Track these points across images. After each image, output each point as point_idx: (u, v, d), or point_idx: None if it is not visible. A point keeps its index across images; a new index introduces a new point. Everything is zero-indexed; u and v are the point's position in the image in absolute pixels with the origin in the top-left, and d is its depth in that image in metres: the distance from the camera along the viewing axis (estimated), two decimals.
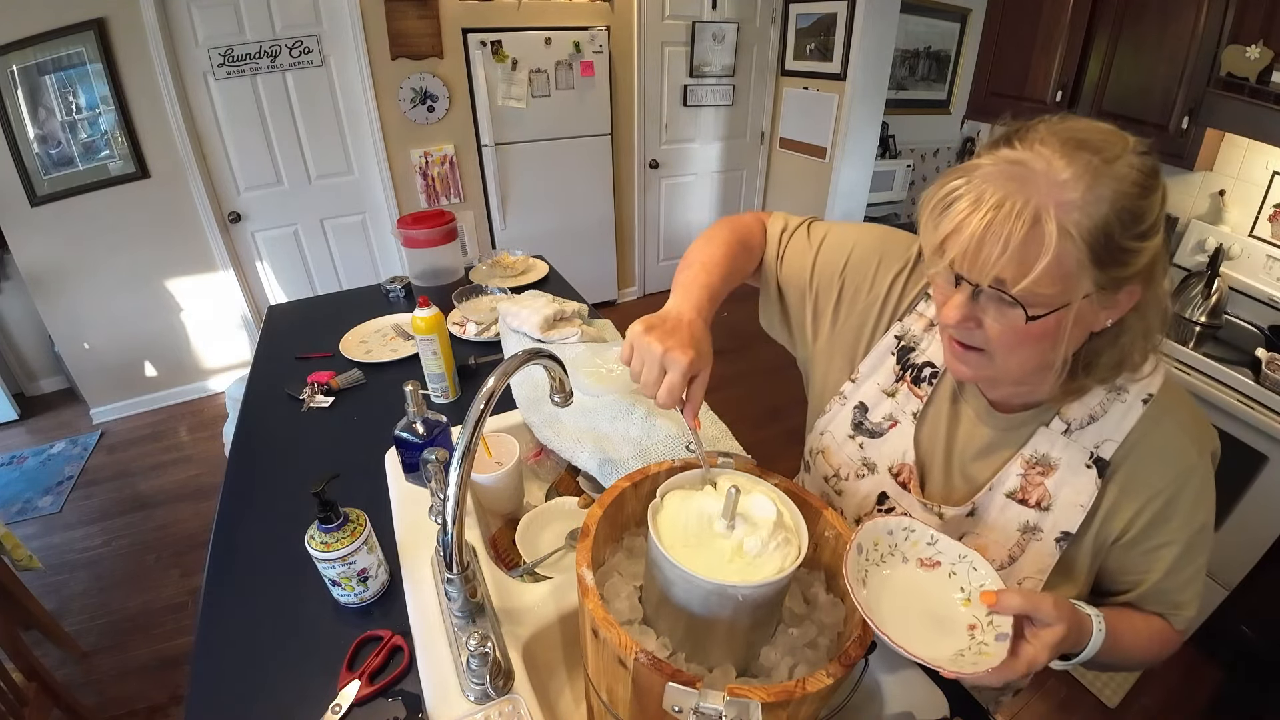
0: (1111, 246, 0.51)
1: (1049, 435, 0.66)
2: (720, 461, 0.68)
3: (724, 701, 0.48)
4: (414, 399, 0.95)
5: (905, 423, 0.75)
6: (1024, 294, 0.52)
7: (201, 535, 2.29)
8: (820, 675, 0.50)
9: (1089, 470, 0.64)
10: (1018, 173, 0.52)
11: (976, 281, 0.54)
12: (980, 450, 0.71)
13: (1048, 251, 0.49)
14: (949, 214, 0.54)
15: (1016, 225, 0.50)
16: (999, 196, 0.51)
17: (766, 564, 0.56)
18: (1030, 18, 2.24)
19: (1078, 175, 0.50)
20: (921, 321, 0.76)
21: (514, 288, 1.77)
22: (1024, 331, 0.55)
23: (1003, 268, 0.51)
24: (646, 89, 3.57)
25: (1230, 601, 1.74)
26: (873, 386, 0.78)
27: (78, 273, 2.74)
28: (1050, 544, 0.66)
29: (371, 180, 3.13)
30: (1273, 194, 1.91)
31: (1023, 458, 0.68)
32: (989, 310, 0.56)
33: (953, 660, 0.52)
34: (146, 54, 2.51)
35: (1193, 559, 0.65)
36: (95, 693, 1.77)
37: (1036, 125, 0.55)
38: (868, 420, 0.78)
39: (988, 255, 0.52)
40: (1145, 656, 0.69)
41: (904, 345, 0.77)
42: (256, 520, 1.02)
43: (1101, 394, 0.64)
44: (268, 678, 0.76)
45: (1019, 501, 0.68)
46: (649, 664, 0.50)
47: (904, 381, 0.76)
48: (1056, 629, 0.52)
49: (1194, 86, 1.80)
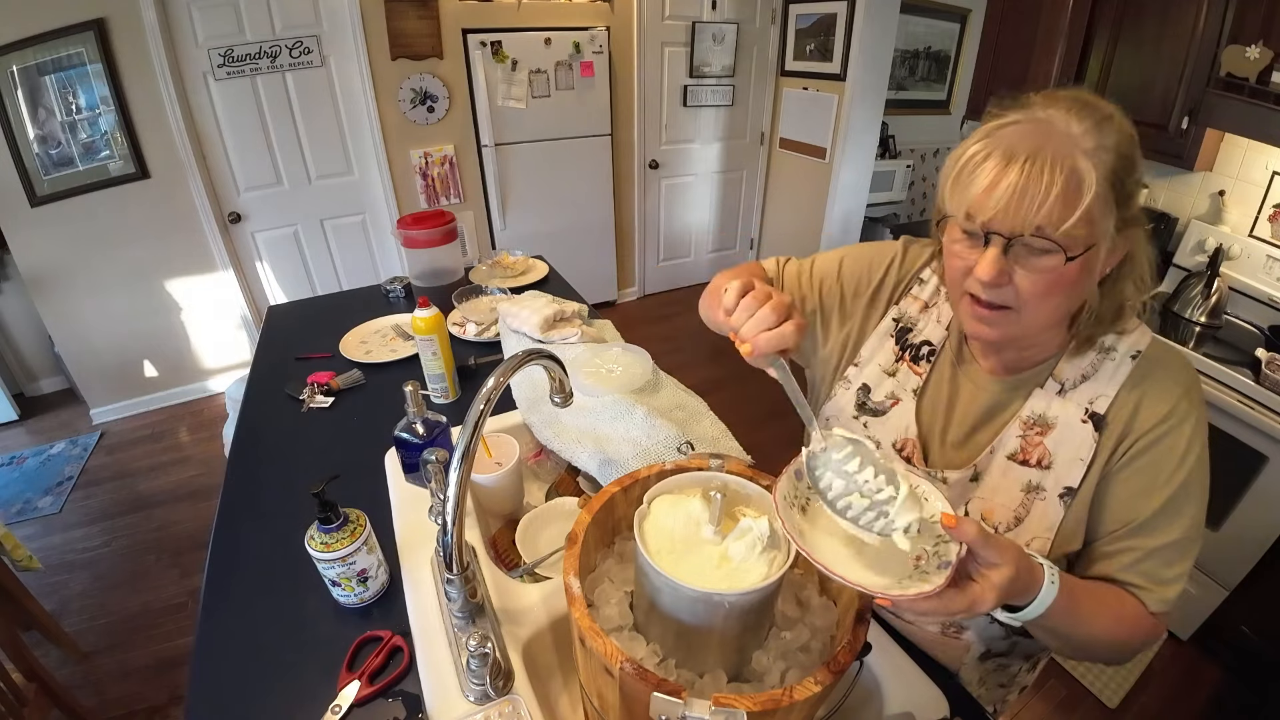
0: (1122, 188, 0.57)
1: (1045, 396, 0.69)
2: (712, 464, 0.68)
3: (710, 711, 0.48)
4: (414, 399, 0.95)
5: (907, 400, 0.78)
6: (1064, 236, 0.56)
7: (201, 535, 2.29)
8: (808, 683, 0.50)
9: (1085, 425, 0.67)
10: (1041, 129, 0.57)
11: (1017, 232, 0.57)
12: (980, 416, 0.73)
13: (1089, 190, 0.54)
14: (980, 172, 0.57)
15: (1056, 172, 0.54)
16: (1029, 149, 0.56)
17: (753, 570, 0.56)
18: (1030, 18, 2.24)
19: (1089, 129, 0.56)
20: (916, 304, 0.81)
21: (514, 288, 1.77)
22: (1058, 277, 0.58)
23: (1045, 214, 0.55)
24: (646, 89, 3.57)
25: (1230, 601, 1.74)
26: (874, 368, 0.82)
27: (78, 273, 2.75)
28: (1055, 501, 0.68)
29: (371, 180, 3.13)
30: (1272, 194, 1.91)
31: (1021, 419, 0.70)
32: (1021, 262, 0.59)
33: (888, 587, 0.50)
34: (146, 54, 2.51)
35: (1174, 521, 0.64)
36: (95, 693, 1.77)
37: (1031, 96, 0.60)
38: (871, 400, 0.82)
39: (1030, 204, 0.55)
40: (1111, 636, 0.64)
41: (902, 326, 0.81)
42: (256, 521, 1.02)
43: (1092, 355, 0.68)
44: (268, 678, 0.76)
45: (1020, 463, 0.70)
46: (635, 673, 0.50)
47: (904, 361, 0.80)
48: (1004, 570, 0.51)
49: (1194, 87, 1.80)
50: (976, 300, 0.63)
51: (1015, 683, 0.89)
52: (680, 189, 4.03)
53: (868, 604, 0.56)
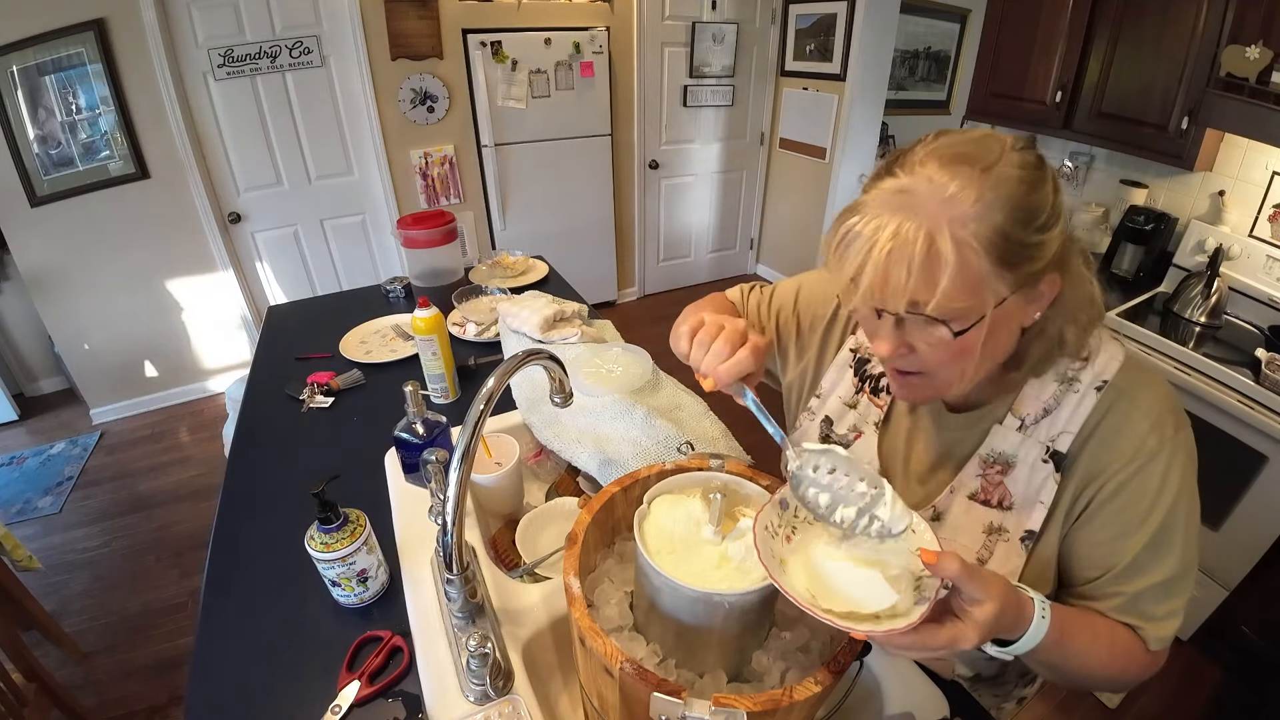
0: (1013, 246, 0.52)
1: (1003, 433, 0.66)
2: (712, 464, 0.68)
3: (710, 711, 0.48)
4: (414, 399, 0.95)
5: (868, 433, 0.77)
6: (940, 310, 0.52)
7: (201, 536, 2.29)
8: (808, 683, 0.50)
9: (1046, 465, 0.63)
10: (904, 200, 0.53)
11: (894, 310, 0.55)
12: (941, 454, 0.71)
13: (948, 266, 0.50)
14: (850, 252, 0.54)
15: (915, 249, 0.51)
16: (894, 225, 0.52)
17: (753, 570, 0.56)
18: (1030, 18, 2.24)
19: (962, 187, 0.51)
20: None
21: (514, 288, 1.77)
22: (955, 346, 0.55)
23: (913, 291, 0.52)
24: (646, 89, 3.57)
25: (1230, 601, 1.74)
26: (835, 400, 0.81)
27: (78, 273, 2.75)
28: (1016, 544, 0.66)
29: (371, 181, 3.13)
30: (1272, 194, 1.91)
31: (980, 457, 0.67)
32: (916, 334, 0.57)
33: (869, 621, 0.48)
34: (146, 54, 2.51)
35: (1160, 560, 0.60)
36: (95, 693, 1.77)
37: (914, 149, 0.56)
38: (834, 433, 0.81)
39: (896, 282, 0.52)
40: (1105, 670, 0.61)
41: (860, 357, 0.80)
42: (256, 521, 1.02)
43: (1054, 386, 0.63)
44: (268, 678, 0.76)
45: (981, 502, 0.68)
46: (634, 674, 0.50)
47: (864, 393, 0.78)
48: (988, 606, 0.48)
49: (1194, 87, 1.80)
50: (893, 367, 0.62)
51: (1012, 695, 0.88)
52: (680, 189, 4.03)
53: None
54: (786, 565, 0.53)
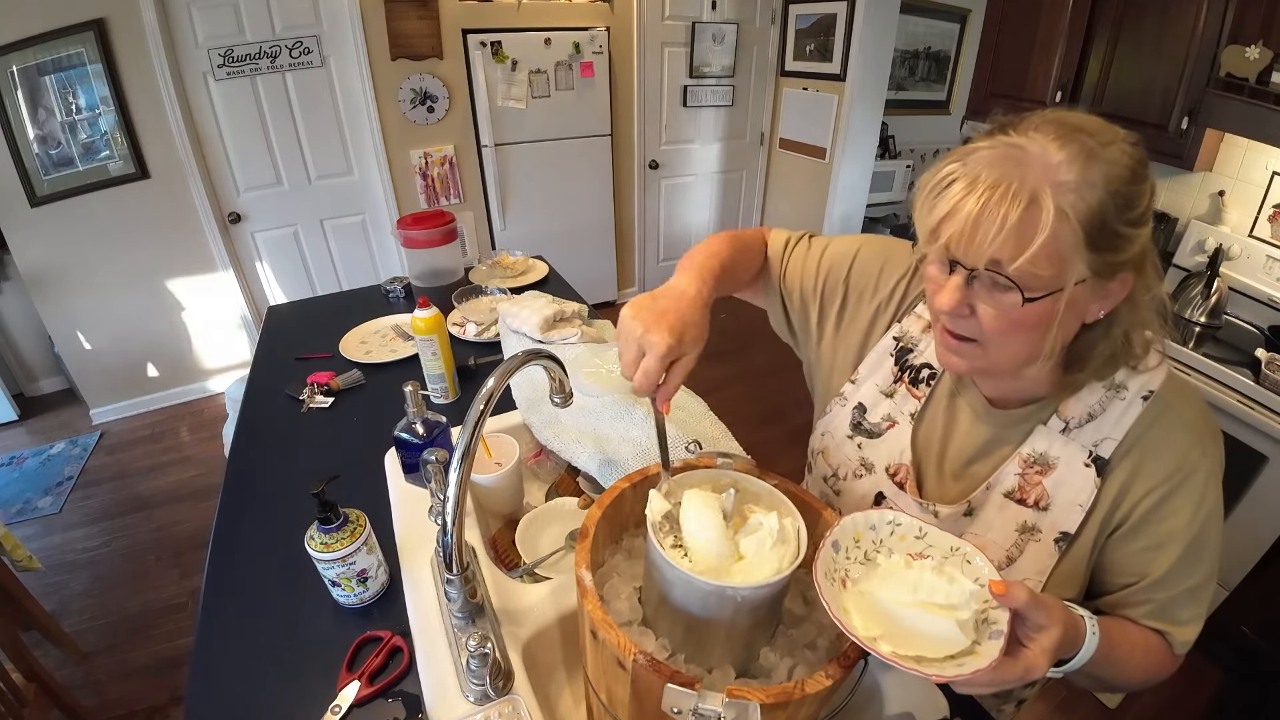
0: (1105, 230, 0.51)
1: (1047, 434, 0.65)
2: (720, 462, 0.68)
3: (723, 703, 0.48)
4: (414, 399, 0.95)
5: (903, 423, 0.75)
6: (1020, 274, 0.52)
7: (201, 536, 2.29)
8: (819, 677, 0.50)
9: (1087, 469, 0.63)
10: (1014, 154, 0.52)
11: (972, 265, 0.54)
12: (979, 449, 0.70)
13: (1044, 229, 0.49)
14: (944, 196, 0.54)
15: (1013, 205, 0.50)
16: (995, 178, 0.51)
17: (765, 565, 0.56)
18: (1030, 18, 2.24)
19: (1072, 158, 0.50)
20: (920, 323, 0.76)
21: (514, 288, 1.77)
22: (1018, 317, 0.54)
23: (999, 247, 0.51)
24: (646, 90, 3.57)
25: (1230, 601, 1.74)
26: (871, 387, 0.79)
27: (77, 273, 2.75)
28: (1049, 545, 0.65)
29: (371, 181, 3.13)
30: (1272, 194, 1.91)
31: (1020, 456, 0.67)
32: (983, 296, 0.56)
33: (942, 664, 0.48)
34: (146, 54, 2.51)
35: (1193, 569, 0.62)
36: (95, 693, 1.77)
37: (1030, 116, 0.55)
38: (866, 421, 0.79)
39: (984, 235, 0.51)
40: (1139, 675, 0.63)
41: (902, 346, 0.77)
42: (256, 521, 1.02)
43: (1101, 392, 0.63)
44: (268, 678, 0.76)
45: (1017, 501, 0.67)
46: (648, 665, 0.50)
47: (902, 382, 0.76)
48: (1053, 632, 0.49)
49: (1194, 87, 1.80)
50: (946, 328, 0.61)
51: (1012, 697, 0.86)
52: (680, 189, 4.03)
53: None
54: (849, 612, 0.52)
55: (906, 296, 0.78)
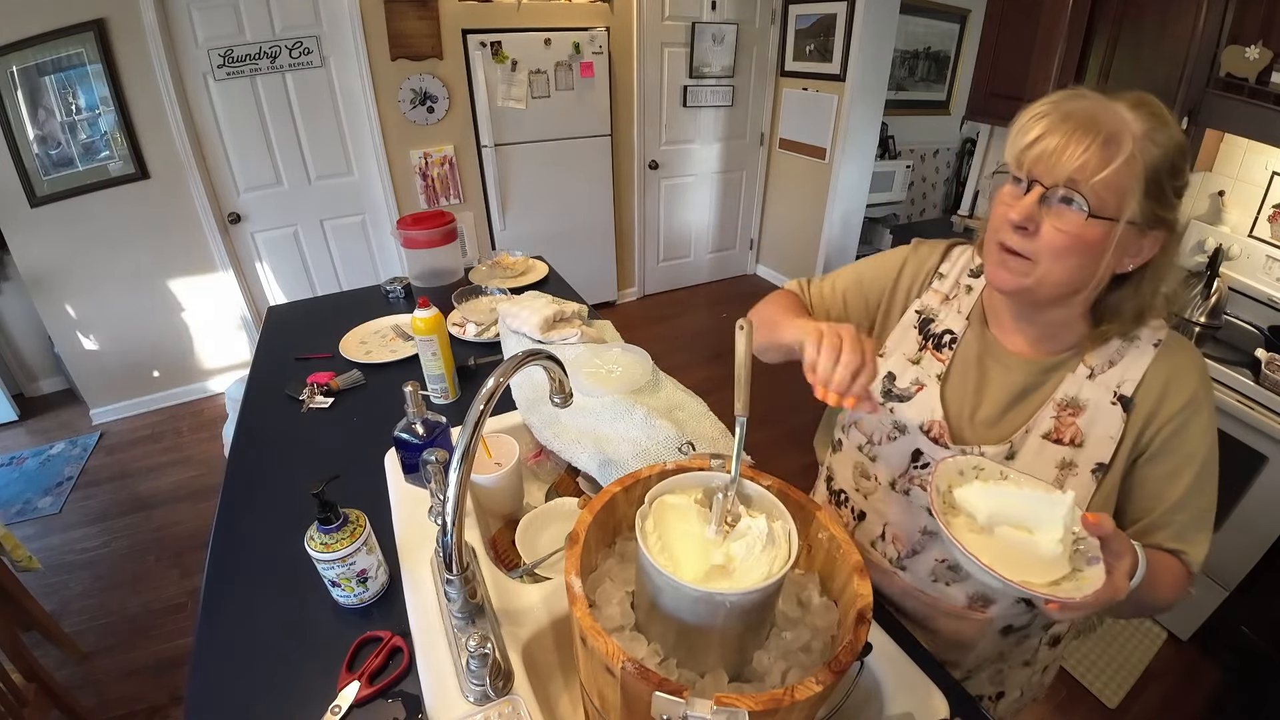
0: (1158, 184, 0.62)
1: (1076, 380, 0.74)
2: (714, 463, 0.68)
3: (711, 710, 0.48)
4: (413, 400, 0.95)
5: (930, 385, 0.82)
6: (1093, 192, 0.61)
7: (201, 536, 2.29)
8: (809, 683, 0.50)
9: (1114, 407, 0.72)
10: (1097, 105, 0.63)
11: (1051, 182, 0.63)
12: (1013, 397, 0.78)
13: (1119, 156, 0.59)
14: (1035, 126, 0.64)
15: (1096, 137, 0.60)
16: (1081, 117, 0.62)
17: (754, 569, 0.56)
18: (1030, 19, 2.24)
19: (1143, 119, 0.61)
20: (937, 296, 0.87)
21: (514, 288, 1.77)
22: (1078, 233, 0.63)
23: (1079, 167, 0.60)
24: (646, 90, 3.57)
25: (1230, 601, 1.74)
26: (899, 357, 0.86)
27: (77, 273, 2.75)
28: (1087, 475, 0.73)
29: (371, 181, 3.14)
30: (1272, 194, 1.91)
31: (1054, 401, 0.75)
32: (1050, 215, 0.64)
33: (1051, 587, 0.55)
34: (146, 55, 2.51)
35: (1202, 491, 0.71)
36: (95, 694, 1.77)
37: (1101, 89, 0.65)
38: (895, 387, 0.85)
39: (1070, 155, 0.61)
40: (1169, 594, 0.71)
41: (924, 318, 0.86)
42: (256, 521, 1.02)
43: (1118, 342, 0.74)
44: (267, 678, 0.76)
45: (1054, 441, 0.74)
46: (636, 673, 0.50)
47: (927, 349, 0.85)
48: (1128, 558, 0.58)
49: (1193, 87, 1.80)
50: (1004, 248, 0.69)
51: (1038, 660, 0.92)
52: (680, 189, 4.03)
53: (869, 604, 0.56)
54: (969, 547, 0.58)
55: (918, 277, 0.89)
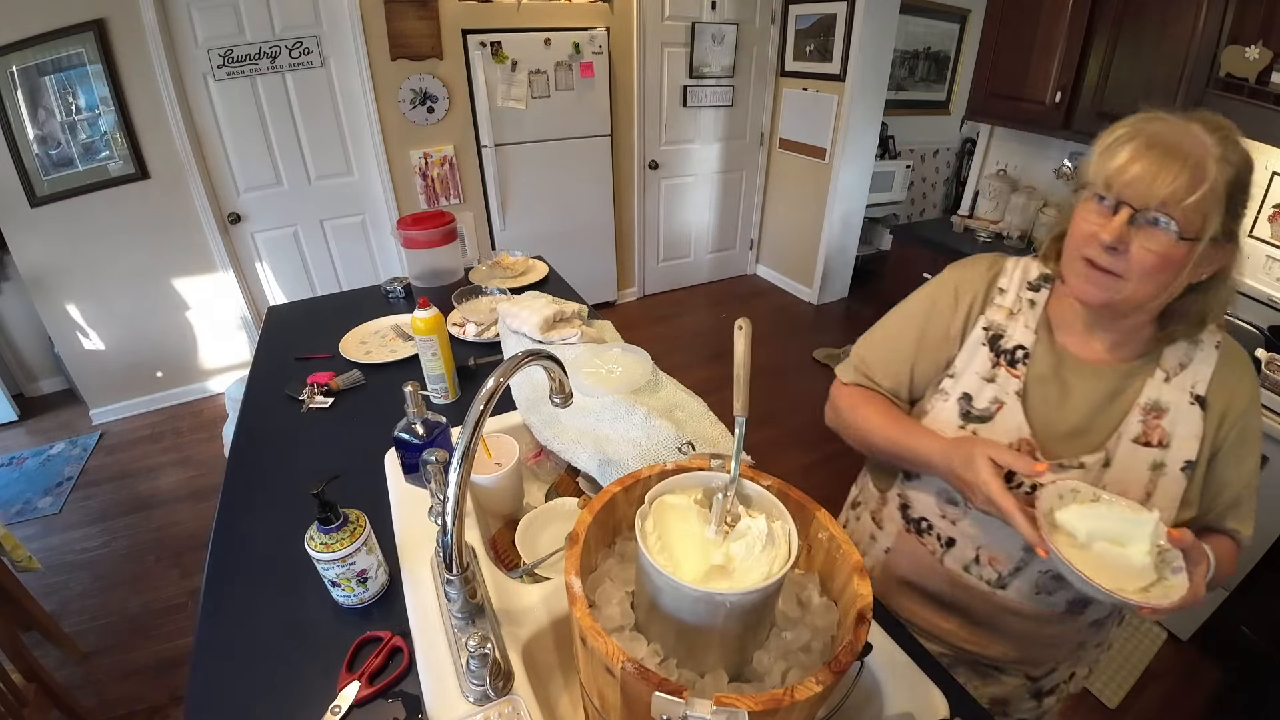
0: (1233, 200, 0.66)
1: (1155, 384, 0.78)
2: (714, 464, 0.68)
3: (711, 710, 0.48)
4: (413, 400, 0.95)
5: (1011, 402, 0.82)
6: (1183, 214, 0.64)
7: (201, 536, 2.29)
8: (809, 683, 0.50)
9: (1193, 407, 0.77)
10: (1180, 129, 0.66)
11: (1142, 205, 0.66)
12: (1098, 405, 0.80)
13: (1206, 182, 0.63)
14: (1124, 150, 0.67)
15: (1184, 163, 0.64)
16: (1168, 142, 0.65)
17: (754, 570, 0.56)
18: (1029, 19, 2.24)
19: (1219, 141, 0.65)
20: (1001, 312, 0.87)
21: (514, 288, 1.77)
22: (1165, 255, 0.66)
23: (1171, 192, 0.64)
24: (646, 90, 3.57)
25: (1230, 602, 1.74)
26: (972, 376, 0.85)
27: (77, 274, 2.75)
28: (1177, 474, 0.77)
29: (371, 181, 3.14)
30: (1273, 194, 1.91)
31: (1139, 406, 0.78)
32: (1140, 236, 0.67)
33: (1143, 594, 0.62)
34: (146, 55, 2.51)
35: (1255, 477, 0.79)
36: (95, 694, 1.77)
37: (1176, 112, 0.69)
38: (974, 408, 0.84)
39: (1165, 177, 0.64)
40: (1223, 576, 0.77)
41: (993, 334, 0.86)
42: (256, 521, 1.02)
43: (1184, 345, 0.78)
44: (267, 678, 0.76)
45: (1144, 444, 0.78)
46: (636, 673, 0.50)
47: (1000, 366, 0.84)
48: (1203, 565, 0.64)
49: (1193, 87, 1.80)
50: (1092, 264, 0.71)
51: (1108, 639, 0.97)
52: (680, 189, 4.03)
53: (868, 604, 0.56)
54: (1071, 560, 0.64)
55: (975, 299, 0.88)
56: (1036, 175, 2.69)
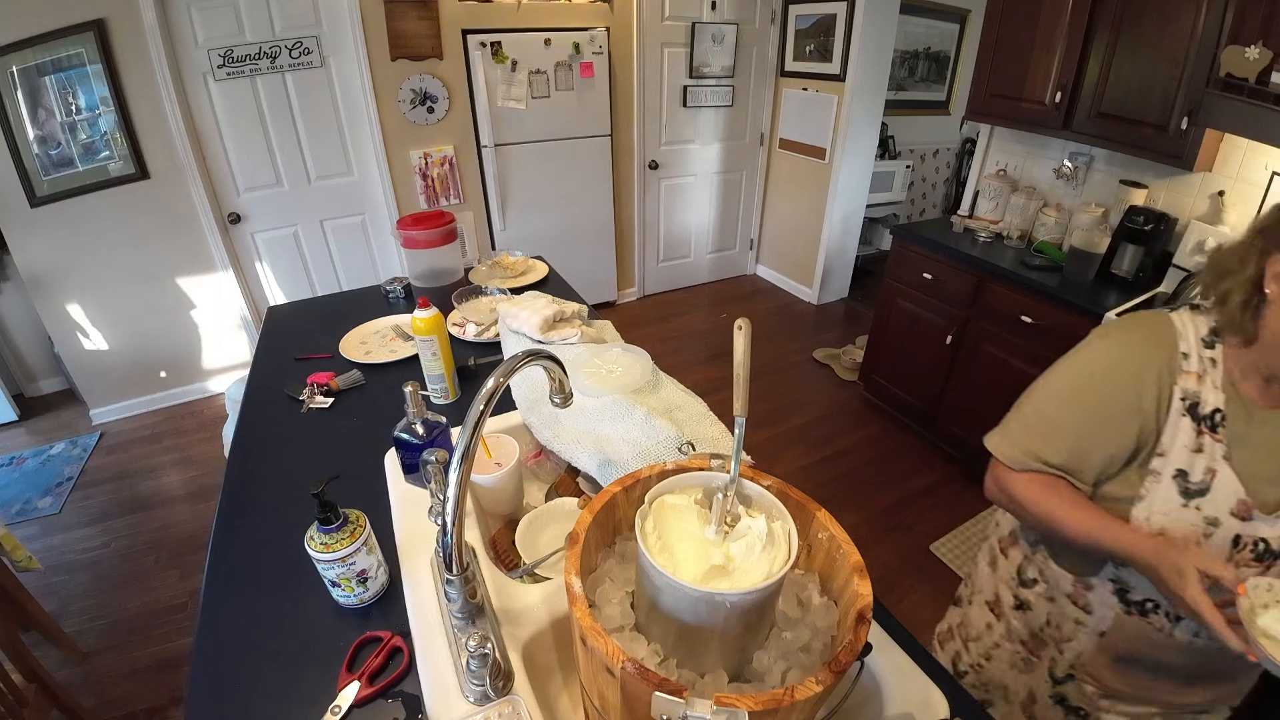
0: None
1: None
2: (714, 464, 0.68)
3: (711, 710, 0.48)
4: (413, 400, 0.95)
5: (1222, 469, 0.81)
6: None
7: (201, 536, 2.29)
8: (809, 683, 0.50)
9: None
10: None
11: None
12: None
13: None
14: None
15: None
16: None
17: (754, 570, 0.56)
18: (1029, 19, 2.24)
19: None
20: (1191, 378, 0.84)
21: (514, 289, 1.77)
22: None
23: None
24: (646, 90, 3.57)
25: None
26: (1181, 451, 0.83)
27: (77, 274, 2.75)
28: None
29: (371, 181, 3.14)
30: (1272, 194, 1.91)
31: None
32: None
33: None
34: (146, 55, 2.52)
35: None
36: (95, 694, 1.77)
37: None
38: (1191, 484, 0.83)
39: None
40: None
41: (1190, 403, 0.83)
42: (256, 521, 1.02)
43: None
44: (267, 679, 0.76)
45: None
46: (636, 673, 0.50)
47: (1204, 434, 0.82)
48: None
49: (1193, 87, 1.80)
50: None
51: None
52: (680, 189, 4.03)
53: (868, 604, 0.57)
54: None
55: (1162, 370, 0.84)
56: (1037, 175, 2.69)
